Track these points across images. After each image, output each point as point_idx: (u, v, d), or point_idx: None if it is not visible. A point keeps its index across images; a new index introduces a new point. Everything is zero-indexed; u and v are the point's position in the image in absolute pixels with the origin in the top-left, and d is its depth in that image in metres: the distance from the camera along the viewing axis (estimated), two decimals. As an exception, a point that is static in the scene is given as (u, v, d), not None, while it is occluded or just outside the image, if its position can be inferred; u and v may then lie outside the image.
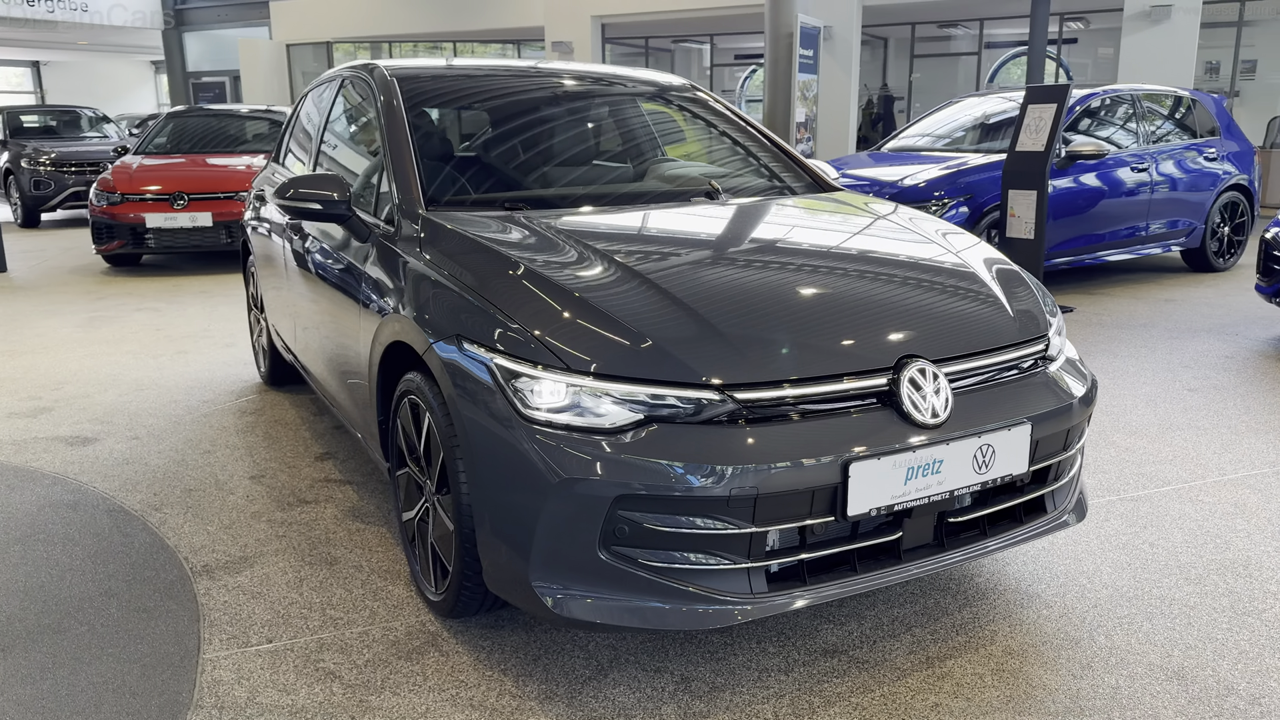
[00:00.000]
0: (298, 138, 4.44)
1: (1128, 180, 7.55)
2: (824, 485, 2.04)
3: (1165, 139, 8.12)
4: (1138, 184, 7.60)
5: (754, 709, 2.17)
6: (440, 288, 2.44)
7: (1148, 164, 7.71)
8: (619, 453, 2.00)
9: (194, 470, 3.74)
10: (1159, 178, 7.76)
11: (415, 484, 2.66)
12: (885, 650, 2.41)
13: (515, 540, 2.11)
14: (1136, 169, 7.63)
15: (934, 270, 2.60)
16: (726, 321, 2.18)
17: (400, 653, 2.42)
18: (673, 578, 2.04)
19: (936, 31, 17.62)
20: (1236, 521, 3.15)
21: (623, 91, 3.77)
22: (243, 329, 6.37)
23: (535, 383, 2.10)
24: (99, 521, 3.26)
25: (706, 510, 2.00)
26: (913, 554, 2.24)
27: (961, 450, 2.18)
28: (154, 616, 2.62)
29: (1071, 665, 2.33)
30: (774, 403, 2.06)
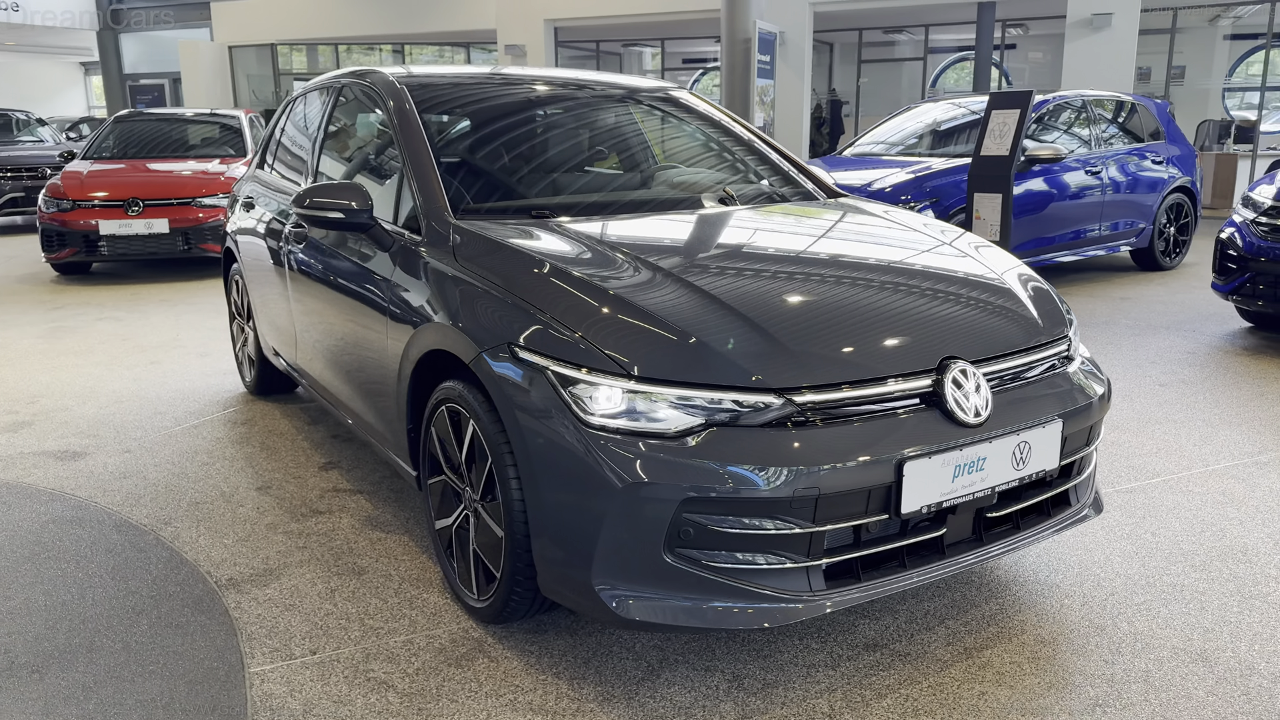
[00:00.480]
0: (286, 145, 4.39)
1: (1082, 183, 7.81)
2: (879, 485, 2.11)
3: (1115, 143, 8.42)
4: (1091, 186, 7.87)
5: (809, 703, 2.23)
6: (485, 296, 2.45)
7: (1100, 167, 7.99)
8: (685, 457, 2.04)
9: (196, 483, 3.68)
10: (1110, 180, 8.04)
11: (452, 491, 2.67)
12: (924, 643, 2.49)
13: (577, 544, 2.14)
14: (1090, 172, 7.90)
15: (962, 274, 2.69)
16: (776, 326, 2.24)
17: (449, 660, 2.43)
18: (734, 578, 2.09)
19: (882, 37, 17.97)
20: (1228, 510, 3.30)
21: (626, 98, 3.81)
22: (216, 337, 6.26)
23: (594, 389, 2.13)
24: (109, 537, 3.20)
25: (770, 511, 2.06)
26: (955, 549, 2.32)
27: (1002, 448, 2.27)
28: (188, 632, 2.58)
29: (1101, 651, 2.44)
30: (829, 405, 2.13)
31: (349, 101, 3.78)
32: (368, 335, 3.04)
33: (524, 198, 3.19)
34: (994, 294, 2.61)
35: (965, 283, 2.63)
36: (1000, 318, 2.51)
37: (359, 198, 2.92)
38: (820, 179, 3.61)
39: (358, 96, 3.72)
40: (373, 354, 3.01)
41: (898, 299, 2.46)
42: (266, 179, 4.39)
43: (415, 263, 2.80)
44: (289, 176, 4.10)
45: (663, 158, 3.65)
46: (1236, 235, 5.74)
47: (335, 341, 3.39)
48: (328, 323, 3.43)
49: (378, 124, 3.53)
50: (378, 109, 3.48)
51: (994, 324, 2.47)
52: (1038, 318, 2.57)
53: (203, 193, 9.03)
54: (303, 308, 3.69)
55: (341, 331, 3.31)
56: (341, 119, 3.81)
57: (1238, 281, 5.69)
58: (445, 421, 2.60)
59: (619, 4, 15.11)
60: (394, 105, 3.25)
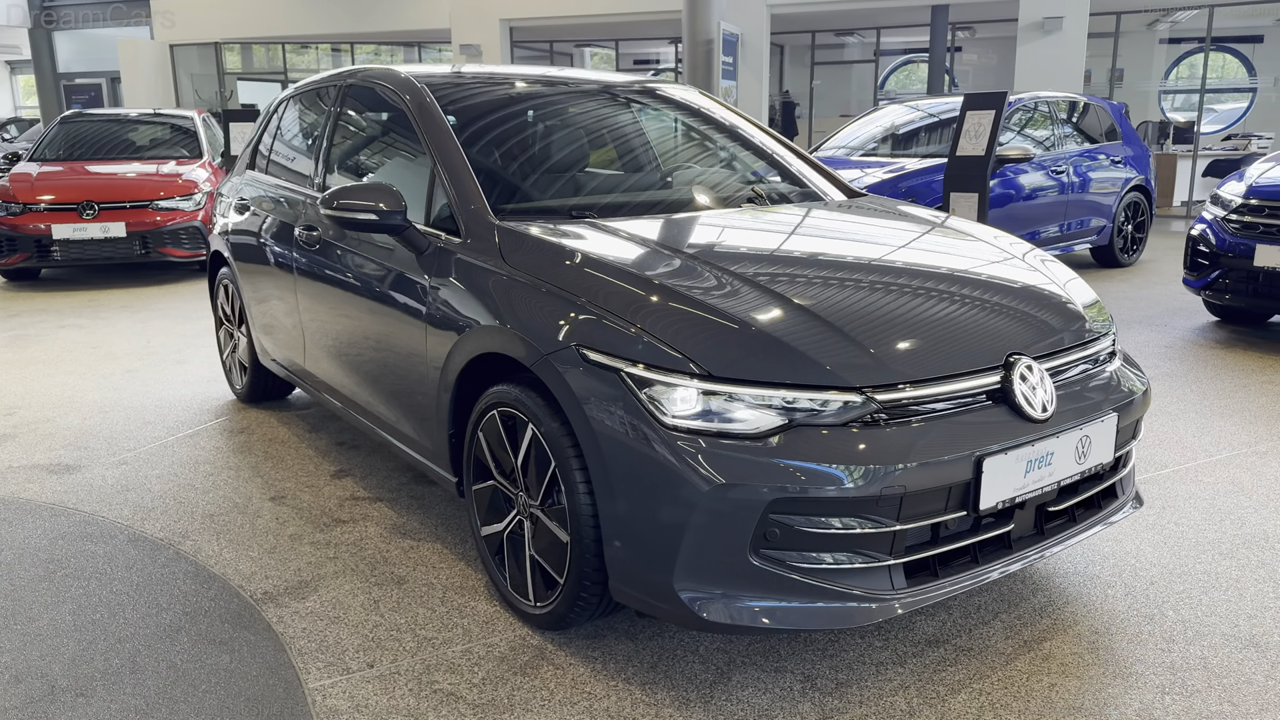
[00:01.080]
0: (284, 146, 4.28)
1: (1048, 182, 8.00)
2: (959, 482, 2.12)
3: (1075, 143, 8.63)
4: (1057, 185, 8.06)
5: (886, 701, 2.24)
6: (544, 297, 2.41)
7: (1064, 167, 8.19)
8: (772, 457, 2.03)
9: (206, 494, 3.56)
10: (1073, 180, 8.24)
11: (502, 497, 2.62)
12: (984, 637, 2.51)
13: (657, 547, 2.11)
14: (1054, 172, 8.09)
15: (1009, 272, 2.72)
16: (848, 324, 2.23)
17: (512, 668, 2.39)
18: (818, 578, 2.08)
19: (834, 39, 18.19)
20: (1240, 499, 3.40)
21: (640, 96, 3.79)
22: (190, 344, 6.08)
23: (671, 390, 2.10)
24: (126, 552, 3.08)
25: (857, 510, 2.05)
26: (1020, 544, 2.34)
27: (1067, 442, 2.30)
28: (233, 648, 2.50)
29: (1156, 639, 2.49)
30: (907, 403, 2.13)
31: (357, 101, 3.70)
32: (400, 340, 2.97)
33: (557, 198, 3.15)
34: (1042, 291, 2.64)
35: (1014, 280, 2.66)
36: (1052, 314, 2.54)
37: (392, 199, 2.85)
38: (839, 180, 3.63)
39: (368, 96, 3.64)
40: (406, 359, 2.94)
41: (956, 297, 2.48)
42: (263, 181, 4.27)
43: (456, 265, 2.74)
44: (291, 179, 3.99)
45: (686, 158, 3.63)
46: (1208, 232, 5.92)
47: (357, 347, 3.31)
48: (347, 327, 3.35)
49: (394, 124, 3.46)
50: (393, 109, 3.41)
51: (1047, 320, 2.51)
52: (1084, 314, 2.61)
53: (161, 195, 8.78)
54: (314, 312, 3.60)
55: (365, 336, 3.23)
56: (350, 119, 3.72)
57: (1210, 277, 5.87)
58: (496, 426, 2.55)
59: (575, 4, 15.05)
60: (416, 105, 3.19)
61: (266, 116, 4.57)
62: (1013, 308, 2.50)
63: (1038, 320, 2.48)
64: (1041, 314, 2.52)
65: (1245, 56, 17.41)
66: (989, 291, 2.56)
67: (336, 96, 3.79)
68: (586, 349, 2.23)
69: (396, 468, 3.79)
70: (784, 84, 19.10)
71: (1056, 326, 2.49)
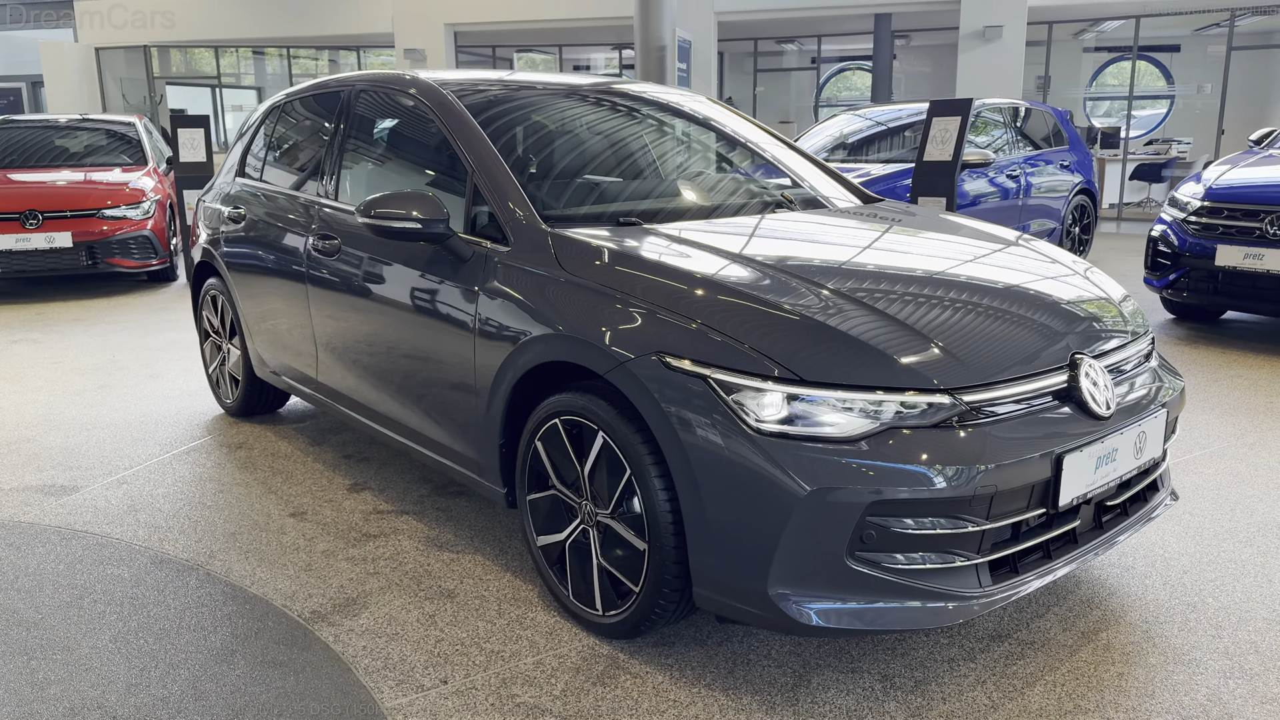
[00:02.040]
0: (284, 153, 4.18)
1: (1005, 185, 8.23)
2: (1041, 479, 2.18)
3: (1025, 148, 8.90)
4: (1012, 189, 8.30)
5: (967, 697, 2.28)
6: (615, 304, 2.40)
7: (1018, 171, 8.44)
8: (868, 460, 2.05)
9: (221, 512, 3.45)
10: (1026, 183, 8.50)
11: (564, 506, 2.60)
12: (1043, 630, 2.57)
13: (751, 553, 2.12)
14: (1009, 176, 8.33)
15: (1056, 272, 2.79)
16: (926, 327, 2.28)
17: (590, 679, 2.37)
18: (912, 578, 2.11)
19: (774, 47, 18.43)
20: (1243, 489, 3.55)
21: (651, 102, 3.79)
22: (159, 358, 5.88)
23: (761, 395, 2.12)
24: (154, 575, 2.97)
25: (951, 510, 2.09)
26: (1084, 539, 2.41)
27: (1129, 438, 2.38)
28: (295, 670, 2.43)
29: (1204, 626, 2.58)
30: (990, 403, 2.18)
31: (369, 107, 3.63)
32: (440, 349, 2.92)
33: (598, 204, 3.13)
34: (1090, 293, 2.72)
35: (1063, 281, 2.74)
36: (1103, 315, 2.62)
37: (433, 207, 2.80)
38: (857, 186, 3.69)
39: (382, 101, 3.58)
40: (447, 368, 2.90)
41: (1016, 300, 2.54)
42: (260, 189, 4.16)
43: (506, 273, 2.71)
44: (298, 187, 3.89)
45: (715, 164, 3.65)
46: (1169, 233, 6.16)
47: (384, 356, 3.24)
48: (372, 337, 3.28)
49: (415, 130, 3.41)
50: (413, 114, 3.36)
51: (1100, 320, 2.59)
52: (1128, 315, 2.70)
53: (108, 204, 8.46)
54: (330, 322, 3.52)
55: (394, 346, 3.17)
56: (361, 125, 3.64)
57: (1172, 276, 6.11)
58: (559, 435, 2.53)
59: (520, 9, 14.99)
60: (444, 110, 3.14)
61: (257, 123, 4.45)
62: (1068, 310, 2.57)
63: (1092, 321, 2.55)
64: (1094, 315, 2.60)
65: (1163, 65, 18.16)
66: (1044, 291, 2.62)
67: (344, 102, 3.71)
68: (670, 356, 2.23)
69: (414, 479, 3.73)
70: (723, 91, 19.29)
71: (1108, 326, 2.57)
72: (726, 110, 3.95)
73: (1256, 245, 5.61)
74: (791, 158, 3.74)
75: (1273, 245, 5.54)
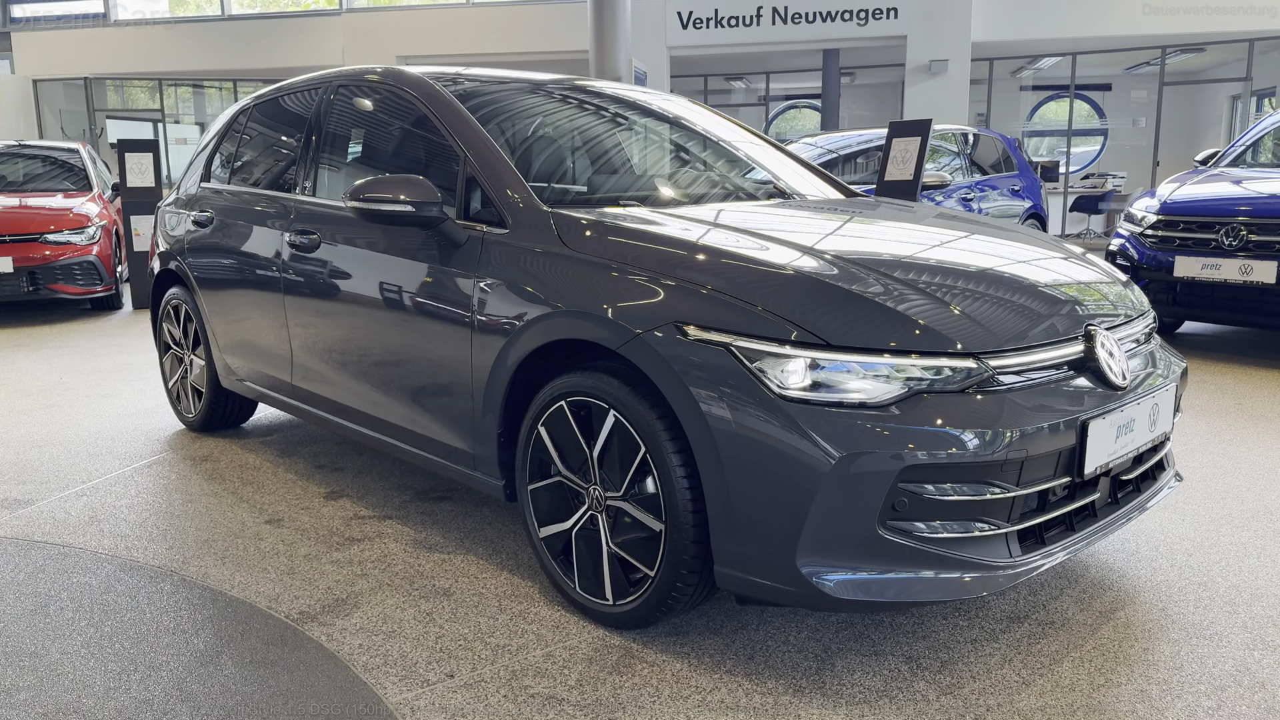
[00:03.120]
0: (255, 154, 4.05)
1: (964, 208, 8.37)
2: (1067, 447, 2.14)
3: (980, 173, 9.09)
4: (971, 211, 8.44)
5: (997, 674, 2.22)
6: (625, 279, 2.32)
7: (972, 194, 8.59)
8: (899, 424, 1.99)
9: (192, 520, 3.27)
10: (981, 206, 8.66)
11: (570, 493, 2.50)
12: (1060, 611, 2.53)
13: (778, 526, 2.04)
14: (963, 200, 8.48)
15: (1059, 251, 2.79)
16: (943, 294, 2.24)
17: (605, 668, 2.25)
18: (944, 547, 2.05)
19: (724, 84, 18.69)
20: (1230, 480, 3.57)
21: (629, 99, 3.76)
22: (111, 379, 5.64)
23: (785, 362, 2.05)
24: (124, 581, 2.78)
25: (984, 476, 2.04)
26: (1103, 512, 2.38)
27: (1144, 409, 2.36)
28: (288, 668, 2.27)
29: (1219, 603, 2.56)
30: (1015, 369, 2.14)
31: (349, 102, 3.53)
32: (434, 338, 2.81)
33: (591, 190, 3.07)
34: (1091, 271, 2.72)
35: (1067, 261, 2.73)
36: (1109, 290, 2.62)
37: (425, 190, 2.71)
38: (838, 182, 3.68)
39: (363, 96, 3.49)
40: (441, 358, 2.79)
41: (1027, 272, 2.51)
42: (229, 192, 4.02)
43: (505, 254, 2.62)
44: (272, 186, 3.77)
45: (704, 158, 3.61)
46: (1127, 246, 6.30)
47: (369, 353, 3.12)
48: (355, 334, 3.16)
49: (399, 122, 3.32)
50: (398, 107, 3.28)
51: (1108, 293, 2.58)
52: (1130, 293, 2.70)
53: (51, 228, 8.20)
54: (308, 322, 3.38)
55: (380, 340, 3.05)
56: (340, 121, 3.54)
57: (1132, 289, 6.22)
58: (566, 418, 2.43)
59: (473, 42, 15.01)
60: (433, 100, 3.07)
61: (223, 127, 4.32)
62: (1077, 285, 2.56)
63: (1100, 297, 2.55)
64: (1101, 291, 2.59)
65: (1096, 103, 18.80)
66: (1053, 270, 2.61)
67: (320, 99, 3.61)
68: (687, 325, 2.16)
69: (394, 486, 3.58)
70: (673, 126, 19.46)
71: (1115, 303, 2.57)
72: (708, 110, 3.94)
73: (1213, 256, 5.75)
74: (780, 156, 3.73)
75: (1229, 255, 5.68)
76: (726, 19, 14.04)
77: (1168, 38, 14.09)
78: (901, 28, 13.40)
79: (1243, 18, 13.32)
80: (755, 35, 14.01)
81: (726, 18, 14.06)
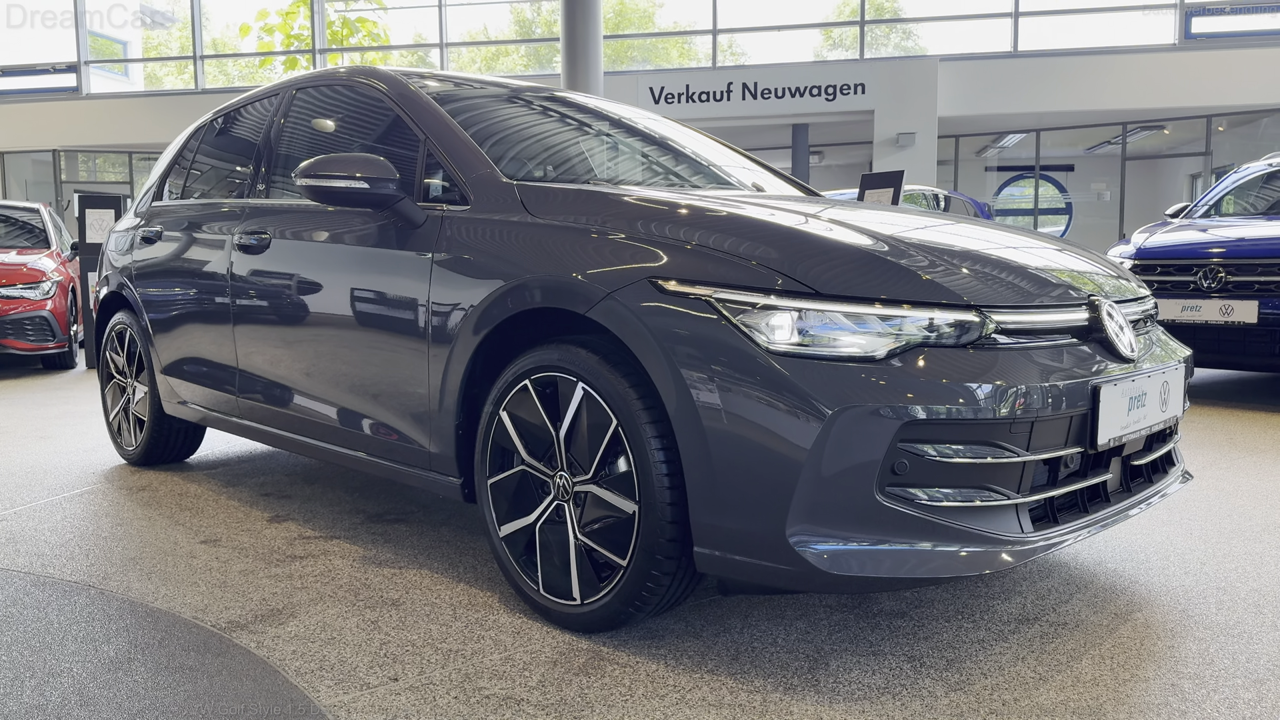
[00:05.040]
0: (210, 165, 3.88)
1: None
2: (1079, 413, 1.95)
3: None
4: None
5: (1010, 671, 1.98)
6: (594, 239, 2.14)
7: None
8: (899, 378, 1.80)
9: (122, 541, 2.98)
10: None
11: (534, 483, 2.26)
12: (1072, 613, 2.30)
13: (765, 494, 1.83)
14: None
15: (1054, 243, 2.65)
16: (945, 256, 2.07)
17: (571, 670, 1.99)
18: (948, 516, 1.84)
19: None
20: (1232, 499, 3.37)
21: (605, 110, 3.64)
22: (51, 424, 5.34)
23: (772, 314, 1.87)
24: (33, 595, 2.49)
25: (991, 436, 1.85)
26: (1115, 496, 2.18)
27: (1154, 385, 2.19)
28: (207, 674, 1.99)
29: (1243, 604, 2.35)
30: (1019, 327, 1.97)
31: (309, 103, 3.38)
32: (389, 329, 2.60)
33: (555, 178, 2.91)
34: (1087, 255, 2.58)
35: (1061, 249, 2.58)
36: (1109, 269, 2.48)
37: (381, 167, 2.54)
38: (807, 186, 3.56)
39: (324, 96, 3.35)
40: (397, 350, 2.58)
41: (1025, 251, 2.35)
42: (180, 206, 3.83)
43: (467, 229, 2.44)
44: (225, 193, 3.59)
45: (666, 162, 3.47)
46: (1105, 294, 6.23)
47: (321, 353, 2.89)
48: (306, 333, 2.94)
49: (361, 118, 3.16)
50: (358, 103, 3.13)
51: (1108, 276, 2.43)
52: (1129, 276, 2.56)
53: (3, 282, 7.93)
54: (258, 326, 3.16)
55: (331, 336, 2.83)
56: (299, 122, 3.38)
57: (1111, 335, 6.13)
58: (531, 398, 2.22)
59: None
60: (397, 91, 2.92)
61: (179, 146, 4.16)
62: (1078, 260, 2.42)
63: (1101, 274, 2.40)
64: (1102, 269, 2.45)
65: (1059, 183, 19.21)
66: (1051, 247, 2.47)
67: (279, 105, 3.46)
68: (662, 279, 1.97)
69: (344, 510, 3.31)
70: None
71: (1116, 281, 2.42)
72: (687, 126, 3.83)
73: (1192, 298, 5.68)
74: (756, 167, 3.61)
75: (1207, 297, 5.62)
76: (698, 94, 14.26)
77: (1128, 113, 14.46)
78: (869, 103, 13.65)
79: (1200, 93, 13.71)
80: (726, 110, 14.23)
81: (698, 93, 14.28)
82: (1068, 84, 13.86)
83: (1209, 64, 13.44)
